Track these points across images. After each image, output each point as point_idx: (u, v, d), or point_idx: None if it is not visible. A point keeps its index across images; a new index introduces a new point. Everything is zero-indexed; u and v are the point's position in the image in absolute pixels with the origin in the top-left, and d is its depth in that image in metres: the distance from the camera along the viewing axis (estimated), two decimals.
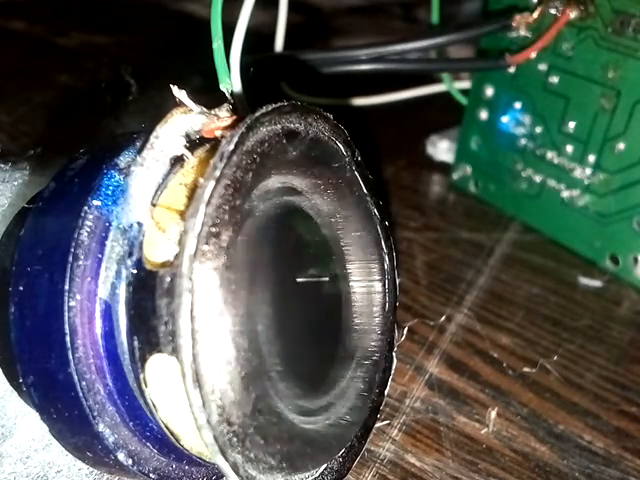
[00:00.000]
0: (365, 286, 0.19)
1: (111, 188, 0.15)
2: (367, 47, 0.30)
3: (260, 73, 0.28)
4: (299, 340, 0.17)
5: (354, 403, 0.18)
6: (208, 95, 0.17)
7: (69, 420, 0.15)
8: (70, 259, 0.14)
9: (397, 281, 0.20)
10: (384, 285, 0.20)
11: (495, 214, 0.34)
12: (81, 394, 0.14)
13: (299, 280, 0.17)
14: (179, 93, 0.16)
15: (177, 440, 0.15)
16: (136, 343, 0.14)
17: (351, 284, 0.19)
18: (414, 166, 0.38)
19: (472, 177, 0.35)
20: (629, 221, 0.29)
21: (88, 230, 0.15)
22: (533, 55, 0.29)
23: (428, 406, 0.23)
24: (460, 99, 0.35)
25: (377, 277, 0.20)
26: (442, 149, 0.37)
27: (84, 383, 0.14)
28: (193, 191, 0.14)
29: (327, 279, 0.19)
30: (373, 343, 0.19)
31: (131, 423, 0.15)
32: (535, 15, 0.29)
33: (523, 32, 0.30)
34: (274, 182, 0.16)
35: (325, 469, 0.17)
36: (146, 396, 0.15)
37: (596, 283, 0.30)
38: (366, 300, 0.19)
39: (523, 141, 0.32)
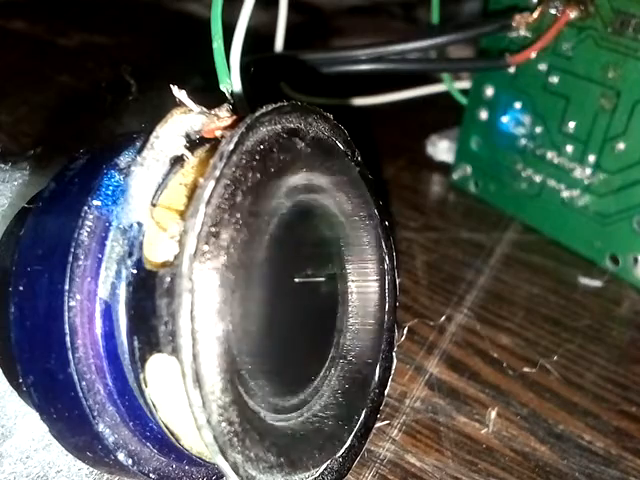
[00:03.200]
0: (365, 286, 0.19)
1: (111, 188, 0.15)
2: (367, 47, 0.30)
3: (260, 73, 0.28)
4: (300, 339, 0.17)
5: (354, 403, 0.18)
6: (208, 95, 0.17)
7: (69, 420, 0.15)
8: (70, 259, 0.14)
9: (397, 281, 0.20)
10: (384, 285, 0.20)
11: (495, 214, 0.34)
12: (81, 394, 0.14)
13: (299, 280, 0.17)
14: (179, 93, 0.16)
15: (177, 440, 0.15)
16: (136, 343, 0.14)
17: (351, 284, 0.19)
18: (414, 166, 0.38)
19: (472, 177, 0.35)
20: (629, 221, 0.29)
21: (88, 230, 0.15)
22: (533, 55, 0.29)
23: (428, 406, 0.23)
24: (460, 99, 0.35)
25: (377, 277, 0.20)
26: (442, 149, 0.37)
27: (84, 383, 0.14)
28: (193, 191, 0.14)
29: (327, 279, 0.19)
30: (373, 343, 0.19)
31: (131, 423, 0.15)
32: (535, 15, 0.29)
33: (523, 32, 0.30)
34: (274, 182, 0.16)
35: (325, 469, 0.17)
36: (146, 396, 0.15)
37: (596, 283, 0.30)
38: (366, 300, 0.19)
39: (523, 141, 0.32)
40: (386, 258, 0.20)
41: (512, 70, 0.31)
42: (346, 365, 0.19)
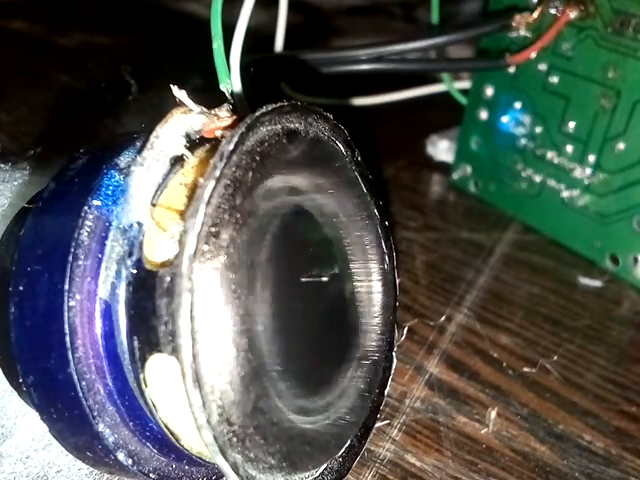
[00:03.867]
0: (365, 286, 0.19)
1: (111, 188, 0.15)
2: (367, 47, 0.30)
3: (260, 73, 0.28)
4: (299, 340, 0.17)
5: (354, 403, 0.18)
6: (208, 95, 0.17)
7: (69, 420, 0.15)
8: (70, 259, 0.14)
9: (397, 281, 0.20)
10: (384, 285, 0.20)
11: (495, 214, 0.34)
12: (81, 394, 0.14)
13: (298, 280, 0.17)
14: (179, 93, 0.16)
15: (177, 440, 0.15)
16: (136, 343, 0.14)
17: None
18: (414, 166, 0.38)
19: (472, 177, 0.35)
20: (629, 221, 0.29)
21: (88, 230, 0.15)
22: (533, 55, 0.29)
23: (428, 406, 0.23)
24: (460, 99, 0.35)
25: (377, 277, 0.20)
26: (442, 149, 0.37)
27: (84, 383, 0.14)
28: (193, 191, 0.14)
29: (327, 279, 0.19)
30: (373, 343, 0.19)
31: (131, 423, 0.15)
32: (535, 15, 0.29)
33: (523, 32, 0.30)
34: (274, 182, 0.16)
35: (325, 469, 0.17)
36: (146, 396, 0.15)
37: (596, 283, 0.30)
38: (366, 300, 0.19)
39: (523, 141, 0.32)
40: (386, 258, 0.20)
41: (512, 70, 0.31)
42: (350, 365, 0.19)
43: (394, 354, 0.20)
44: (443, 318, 0.27)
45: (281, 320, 0.16)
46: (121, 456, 0.15)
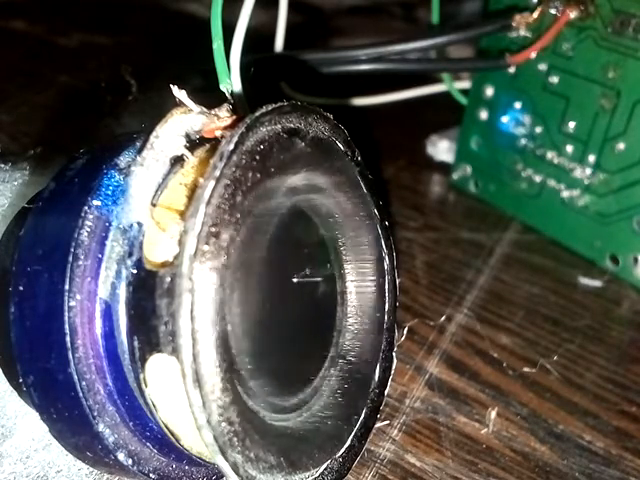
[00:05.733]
0: (365, 286, 0.19)
1: (111, 188, 0.15)
2: (367, 47, 0.30)
3: (260, 73, 0.28)
4: (299, 339, 0.17)
5: (354, 403, 0.18)
6: (208, 95, 0.17)
7: (69, 420, 0.15)
8: (70, 259, 0.14)
9: (397, 281, 0.20)
10: (384, 285, 0.20)
11: (495, 214, 0.34)
12: (81, 394, 0.14)
13: (298, 280, 0.17)
14: (179, 93, 0.16)
15: (177, 440, 0.15)
16: (136, 343, 0.14)
17: (350, 284, 0.19)
18: (414, 166, 0.38)
19: (472, 177, 0.35)
20: (629, 221, 0.29)
21: (88, 230, 0.15)
22: (533, 55, 0.29)
23: (428, 406, 0.23)
24: (460, 99, 0.35)
25: (376, 277, 0.20)
26: (442, 149, 0.37)
27: (84, 383, 0.14)
28: (193, 191, 0.14)
29: (327, 279, 0.19)
30: (373, 343, 0.19)
31: (131, 423, 0.15)
32: (535, 15, 0.29)
33: (523, 32, 0.30)
34: (273, 182, 0.16)
35: (325, 469, 0.17)
36: (146, 396, 0.15)
37: (596, 283, 0.30)
38: (365, 300, 0.19)
39: (523, 141, 0.32)
40: (386, 258, 0.20)
41: (512, 70, 0.31)
42: (346, 365, 0.19)
43: (394, 354, 0.20)
44: (443, 318, 0.27)
45: (280, 320, 0.16)
46: (121, 456, 0.15)
